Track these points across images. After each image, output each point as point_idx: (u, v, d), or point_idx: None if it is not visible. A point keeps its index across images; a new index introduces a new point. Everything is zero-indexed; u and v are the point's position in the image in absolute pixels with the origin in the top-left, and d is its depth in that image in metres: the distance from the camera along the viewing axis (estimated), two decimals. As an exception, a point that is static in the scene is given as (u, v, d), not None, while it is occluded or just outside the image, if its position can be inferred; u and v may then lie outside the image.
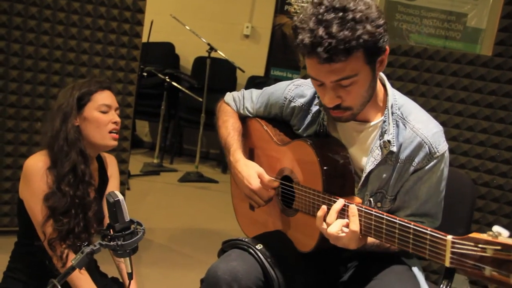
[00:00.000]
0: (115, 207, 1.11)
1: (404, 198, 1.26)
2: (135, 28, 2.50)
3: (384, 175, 1.25)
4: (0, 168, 2.39)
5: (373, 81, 1.18)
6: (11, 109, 2.35)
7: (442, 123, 1.31)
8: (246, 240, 1.26)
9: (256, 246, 1.23)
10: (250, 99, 1.53)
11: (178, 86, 4.19)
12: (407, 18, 3.02)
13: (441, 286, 1.51)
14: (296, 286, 1.26)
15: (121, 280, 1.77)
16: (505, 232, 0.77)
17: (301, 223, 1.29)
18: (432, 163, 1.21)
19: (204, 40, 3.97)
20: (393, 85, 1.32)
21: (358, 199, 1.20)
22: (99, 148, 1.65)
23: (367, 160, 1.25)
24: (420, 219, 1.26)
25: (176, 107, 4.60)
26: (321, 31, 1.05)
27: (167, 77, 4.10)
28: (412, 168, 1.23)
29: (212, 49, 4.03)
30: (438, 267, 2.37)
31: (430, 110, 2.28)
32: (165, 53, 4.77)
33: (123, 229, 1.13)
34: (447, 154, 1.24)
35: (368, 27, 1.07)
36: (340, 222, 1.07)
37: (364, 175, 1.25)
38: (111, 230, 1.12)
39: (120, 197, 1.13)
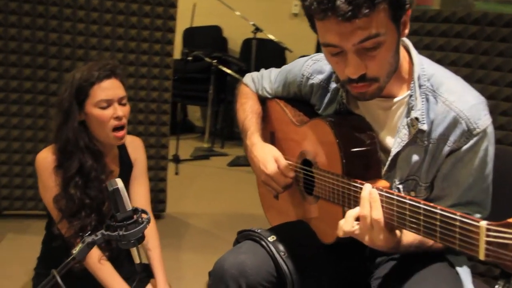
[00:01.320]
0: (114, 195, 1.05)
1: (442, 185, 1.08)
2: (169, 10, 2.44)
3: (415, 159, 1.08)
4: (23, 153, 2.48)
5: (398, 45, 1.02)
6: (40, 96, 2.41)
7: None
8: (259, 231, 1.16)
9: (269, 238, 1.12)
10: (268, 78, 1.40)
11: (226, 70, 4.13)
12: None
13: (496, 287, 1.33)
14: (314, 283, 1.14)
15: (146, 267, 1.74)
16: None
17: (323, 211, 1.16)
18: (472, 142, 1.03)
19: (249, 21, 3.85)
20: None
21: (385, 182, 1.04)
22: (105, 144, 1.58)
23: (394, 141, 1.09)
24: (465, 209, 1.08)
25: (225, 91, 4.55)
26: None
27: (214, 61, 4.05)
28: (447, 149, 1.04)
29: (257, 30, 3.91)
30: (485, 268, 2.13)
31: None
32: (212, 36, 4.73)
33: (125, 219, 1.07)
34: (490, 130, 1.04)
35: None
36: (350, 213, 0.93)
37: (390, 158, 1.09)
38: (114, 220, 1.07)
39: (120, 185, 1.06)
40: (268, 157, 1.22)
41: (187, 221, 2.80)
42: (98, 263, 1.56)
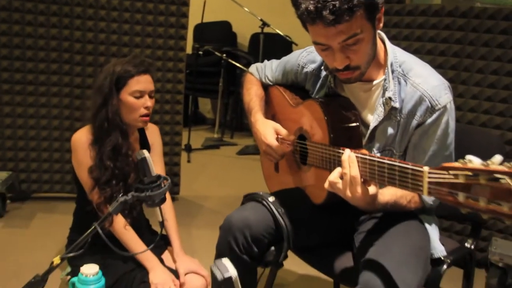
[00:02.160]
0: (142, 163, 1.29)
1: (413, 154, 1.30)
2: (182, 8, 2.67)
3: (390, 132, 1.29)
4: (51, 140, 2.73)
5: (375, 38, 1.23)
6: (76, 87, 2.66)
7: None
8: (261, 193, 1.39)
9: (269, 199, 1.35)
10: (270, 68, 1.63)
11: (235, 63, 4.34)
12: None
13: (466, 244, 1.53)
14: (306, 236, 1.37)
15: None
16: (476, 160, 0.81)
17: (314, 177, 1.38)
18: (434, 116, 1.24)
19: (257, 16, 4.05)
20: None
21: (364, 151, 1.26)
22: (131, 126, 1.84)
23: (372, 117, 1.31)
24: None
25: (235, 83, 4.77)
26: None
27: (224, 55, 4.27)
28: (415, 122, 1.26)
29: (265, 24, 4.12)
30: (461, 227, 2.34)
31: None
32: (222, 31, 4.94)
33: (151, 182, 1.30)
34: (450, 106, 1.25)
35: None
36: (338, 169, 1.14)
37: (369, 131, 1.31)
38: (142, 184, 1.30)
39: (146, 155, 1.29)
40: (268, 129, 1.44)
41: (199, 203, 3.03)
42: (124, 228, 1.80)
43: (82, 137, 1.78)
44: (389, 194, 1.22)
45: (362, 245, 1.29)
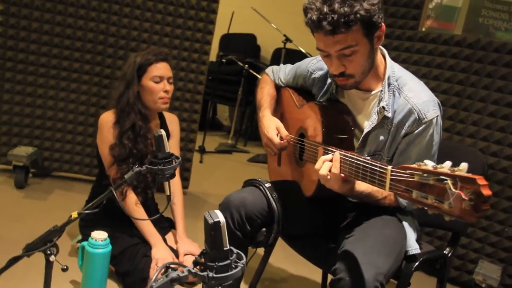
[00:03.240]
0: (158, 140, 1.47)
1: (398, 160, 1.44)
2: (210, 15, 2.88)
3: (381, 138, 1.44)
4: (76, 123, 2.94)
5: (372, 52, 1.39)
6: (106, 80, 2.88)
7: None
8: (259, 179, 1.55)
9: (266, 185, 1.51)
10: (284, 71, 1.81)
11: (256, 74, 4.54)
12: (494, 14, 3.01)
13: (444, 252, 1.66)
14: (295, 223, 1.52)
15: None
16: (430, 163, 0.96)
17: (308, 171, 1.54)
18: (421, 128, 1.38)
19: (280, 31, 4.25)
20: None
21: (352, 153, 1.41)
22: (154, 110, 2.05)
23: (367, 123, 1.47)
24: None
25: (253, 94, 4.94)
26: (325, 9, 1.28)
27: (246, 66, 4.47)
28: (403, 132, 1.41)
29: (287, 40, 4.31)
30: (443, 233, 2.44)
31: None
32: (247, 43, 5.15)
33: (164, 158, 1.48)
34: (436, 121, 1.39)
35: (365, 4, 1.29)
36: (328, 164, 1.29)
37: (362, 135, 1.46)
38: (156, 158, 1.48)
39: (163, 133, 1.48)
40: (272, 125, 1.61)
41: (206, 199, 3.20)
42: (135, 205, 1.98)
43: (108, 117, 1.99)
44: (365, 185, 1.37)
45: (342, 236, 1.43)
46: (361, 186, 1.35)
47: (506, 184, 2.33)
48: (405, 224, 1.45)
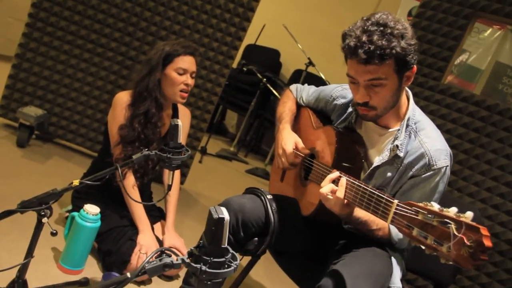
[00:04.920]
0: (174, 129, 1.48)
1: (399, 198, 1.46)
2: (243, 22, 2.92)
3: (388, 174, 1.47)
4: (90, 97, 2.95)
5: (398, 90, 1.42)
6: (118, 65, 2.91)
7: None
8: (262, 190, 1.57)
9: (267, 196, 1.53)
10: (307, 92, 1.83)
11: (272, 90, 4.58)
12: None
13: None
14: (288, 241, 1.52)
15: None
16: (436, 205, 0.98)
17: (310, 191, 1.55)
18: (428, 174, 1.41)
19: (305, 53, 4.30)
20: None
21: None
22: (170, 100, 2.07)
23: (377, 158, 1.49)
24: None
25: (265, 108, 4.99)
26: (364, 38, 1.32)
27: (264, 79, 4.51)
28: (410, 173, 1.43)
29: (310, 63, 4.36)
30: (424, 284, 2.44)
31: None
32: (270, 58, 5.20)
33: (175, 148, 1.49)
34: (445, 171, 1.42)
35: (402, 42, 1.32)
36: (331, 186, 1.32)
37: (370, 168, 1.48)
38: (167, 146, 1.49)
39: (180, 124, 1.49)
40: (290, 139, 1.63)
41: (198, 199, 3.20)
42: (132, 188, 1.99)
43: (124, 97, 2.01)
44: (364, 213, 1.39)
45: (331, 260, 1.44)
46: (359, 212, 1.37)
47: (495, 249, 2.34)
48: (393, 260, 1.46)
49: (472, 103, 2.51)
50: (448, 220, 0.91)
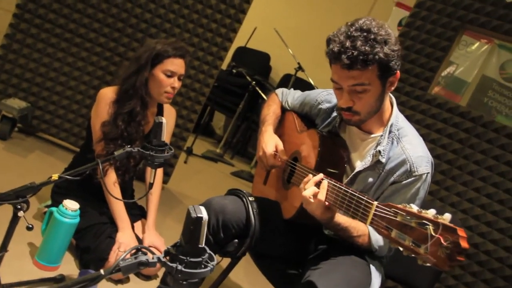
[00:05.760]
0: (157, 126, 1.46)
1: None
2: (234, 24, 2.92)
3: (370, 180, 1.47)
4: (76, 92, 2.92)
5: (382, 95, 1.42)
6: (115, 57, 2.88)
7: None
8: (244, 191, 1.56)
9: (249, 198, 1.52)
10: (293, 96, 1.83)
11: (261, 93, 4.58)
12: (499, 98, 3.10)
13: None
14: (269, 241, 1.52)
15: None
16: (415, 207, 0.99)
17: (292, 194, 1.55)
18: (409, 180, 1.41)
19: (295, 58, 4.31)
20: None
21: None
22: (155, 100, 2.04)
23: (360, 163, 1.49)
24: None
25: (253, 111, 4.98)
26: (347, 43, 1.33)
27: (253, 82, 4.50)
28: (392, 179, 1.44)
29: (300, 68, 4.37)
30: None
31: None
32: (260, 61, 5.20)
33: (158, 146, 1.48)
34: (426, 178, 1.42)
35: (385, 48, 1.33)
36: (313, 189, 1.31)
37: (352, 174, 1.48)
38: (150, 144, 1.47)
39: (164, 121, 1.48)
40: (271, 142, 1.63)
41: (181, 199, 3.18)
42: (113, 185, 1.96)
43: (108, 93, 1.98)
44: (344, 219, 1.39)
45: (309, 266, 1.44)
46: (340, 218, 1.37)
47: (473, 259, 2.36)
48: (372, 268, 1.46)
49: (457, 114, 2.54)
50: (426, 222, 0.92)
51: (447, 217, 0.90)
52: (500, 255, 2.31)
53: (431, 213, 0.92)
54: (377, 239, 1.43)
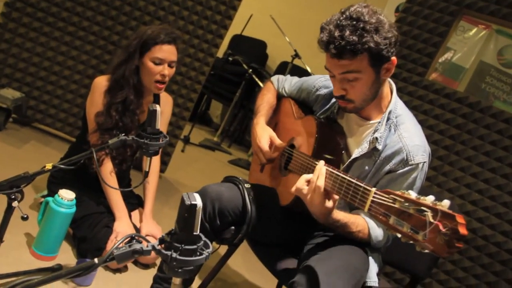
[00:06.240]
0: (151, 114, 1.45)
1: None
2: (229, 11, 2.88)
3: (365, 167, 1.45)
4: (71, 81, 2.88)
5: (376, 83, 1.40)
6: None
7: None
8: (240, 178, 1.54)
9: (245, 185, 1.51)
10: (289, 82, 1.81)
11: (257, 81, 4.55)
12: (496, 83, 3.08)
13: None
14: (266, 228, 1.51)
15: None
16: (413, 193, 0.98)
17: (289, 181, 1.54)
18: (406, 169, 1.40)
19: (292, 45, 4.27)
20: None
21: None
22: (148, 89, 2.00)
23: (356, 150, 1.48)
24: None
25: (250, 99, 4.96)
26: (336, 33, 1.32)
27: (250, 70, 4.47)
28: (387, 168, 1.42)
29: (297, 55, 4.34)
30: (401, 277, 2.46)
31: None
32: (256, 49, 5.16)
33: (152, 134, 1.46)
34: (422, 167, 1.41)
35: (375, 37, 1.31)
36: (305, 176, 1.29)
37: (349, 160, 1.47)
38: (145, 132, 1.46)
39: (158, 109, 1.46)
40: (265, 135, 1.61)
41: (178, 188, 3.17)
42: (109, 174, 1.95)
43: (102, 82, 1.95)
44: (343, 215, 1.38)
45: (307, 254, 1.43)
46: (339, 215, 1.35)
47: (471, 244, 2.37)
48: (370, 257, 1.45)
49: (454, 100, 2.52)
50: (424, 208, 0.91)
51: (445, 203, 0.89)
52: (498, 240, 2.32)
53: (429, 199, 0.92)
54: (377, 236, 1.42)
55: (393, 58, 1.37)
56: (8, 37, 2.81)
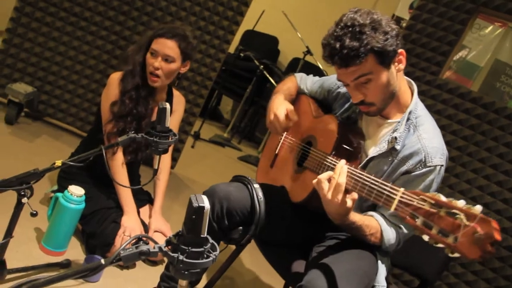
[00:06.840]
0: (161, 112, 1.44)
1: None
2: (241, 7, 2.86)
3: (381, 167, 1.43)
4: (82, 76, 2.90)
5: (391, 79, 1.38)
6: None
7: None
8: (249, 178, 1.53)
9: (254, 185, 1.49)
10: (312, 80, 1.80)
11: (269, 77, 4.52)
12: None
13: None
14: (274, 229, 1.50)
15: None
16: (443, 196, 0.97)
17: (304, 178, 1.52)
18: (423, 171, 1.37)
19: (304, 41, 4.24)
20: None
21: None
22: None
23: (374, 149, 1.45)
24: (401, 222, 1.42)
25: (261, 95, 4.94)
26: (337, 45, 1.31)
27: (261, 66, 4.44)
28: (404, 168, 1.39)
29: (308, 52, 4.30)
30: (409, 279, 2.43)
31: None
32: (268, 45, 5.13)
33: (162, 131, 1.45)
34: (439, 169, 1.38)
35: (376, 36, 1.29)
36: (330, 172, 1.28)
37: (366, 159, 1.45)
38: (154, 129, 1.45)
39: (168, 107, 1.45)
40: (283, 106, 1.59)
41: (188, 184, 3.17)
42: (120, 166, 1.96)
43: (117, 75, 2.00)
44: (359, 217, 1.36)
45: (317, 256, 1.41)
46: (355, 216, 1.33)
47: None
48: (379, 263, 1.43)
49: (468, 100, 2.48)
50: (457, 211, 0.89)
51: (478, 208, 0.88)
52: (510, 244, 2.28)
53: (461, 203, 0.91)
54: (389, 239, 1.40)
55: (401, 50, 1.35)
56: (21, 31, 2.82)
